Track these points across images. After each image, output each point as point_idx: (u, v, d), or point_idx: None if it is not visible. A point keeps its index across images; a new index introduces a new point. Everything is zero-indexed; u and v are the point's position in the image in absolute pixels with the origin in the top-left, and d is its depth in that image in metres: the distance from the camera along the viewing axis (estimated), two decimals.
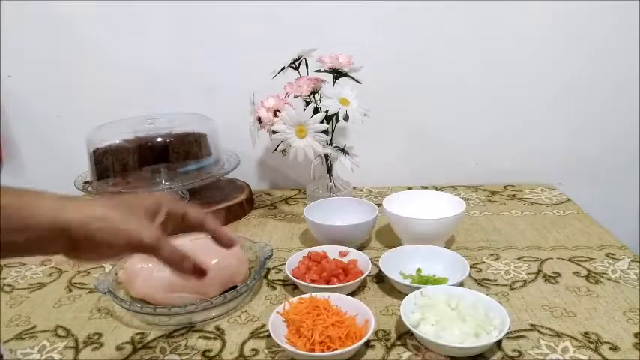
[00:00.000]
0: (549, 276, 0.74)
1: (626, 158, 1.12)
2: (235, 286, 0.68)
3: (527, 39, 1.04)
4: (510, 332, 0.61)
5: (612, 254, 0.80)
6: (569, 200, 1.02)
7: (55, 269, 0.83)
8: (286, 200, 1.09)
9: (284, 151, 0.89)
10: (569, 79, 1.06)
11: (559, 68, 1.06)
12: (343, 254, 0.78)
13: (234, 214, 0.99)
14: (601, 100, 1.08)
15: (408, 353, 0.59)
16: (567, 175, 1.12)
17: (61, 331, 0.66)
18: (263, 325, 0.65)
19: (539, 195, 1.06)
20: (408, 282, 0.69)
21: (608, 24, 1.02)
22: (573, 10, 1.01)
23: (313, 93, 0.89)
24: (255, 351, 0.60)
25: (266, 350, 0.60)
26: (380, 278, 0.74)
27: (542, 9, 1.01)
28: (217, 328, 0.65)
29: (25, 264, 0.85)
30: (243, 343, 0.62)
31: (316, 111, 0.87)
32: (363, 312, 0.61)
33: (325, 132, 0.87)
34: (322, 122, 0.86)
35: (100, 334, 0.65)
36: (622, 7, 1.00)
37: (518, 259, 0.80)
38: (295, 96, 0.89)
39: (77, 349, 0.63)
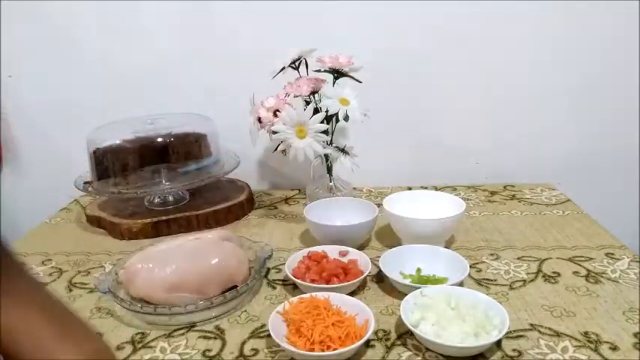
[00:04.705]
0: (549, 276, 0.74)
1: (626, 158, 1.12)
2: (235, 286, 0.68)
3: (526, 39, 1.04)
4: (510, 332, 0.61)
5: (612, 254, 0.80)
6: (568, 200, 1.02)
7: (55, 269, 0.83)
8: (286, 200, 1.09)
9: (284, 151, 0.89)
10: (569, 79, 1.06)
11: (559, 68, 1.06)
12: (343, 254, 0.78)
13: (235, 214, 0.99)
14: (601, 100, 1.08)
15: (408, 353, 0.59)
16: (567, 175, 1.12)
17: None
18: (263, 325, 0.65)
19: (538, 195, 1.06)
20: (408, 282, 0.69)
21: (608, 23, 1.02)
22: (572, 10, 1.01)
23: (313, 93, 0.89)
24: (255, 351, 0.60)
25: (266, 350, 0.60)
26: (380, 278, 0.74)
27: (542, 9, 1.01)
28: (217, 327, 0.65)
29: (24, 264, 0.85)
30: (243, 342, 0.62)
31: (316, 111, 0.87)
32: (363, 312, 0.61)
33: (325, 132, 0.87)
34: (322, 122, 0.86)
35: (100, 334, 0.65)
36: (621, 6, 1.00)
37: (518, 259, 0.80)
38: (295, 96, 0.89)
39: None
